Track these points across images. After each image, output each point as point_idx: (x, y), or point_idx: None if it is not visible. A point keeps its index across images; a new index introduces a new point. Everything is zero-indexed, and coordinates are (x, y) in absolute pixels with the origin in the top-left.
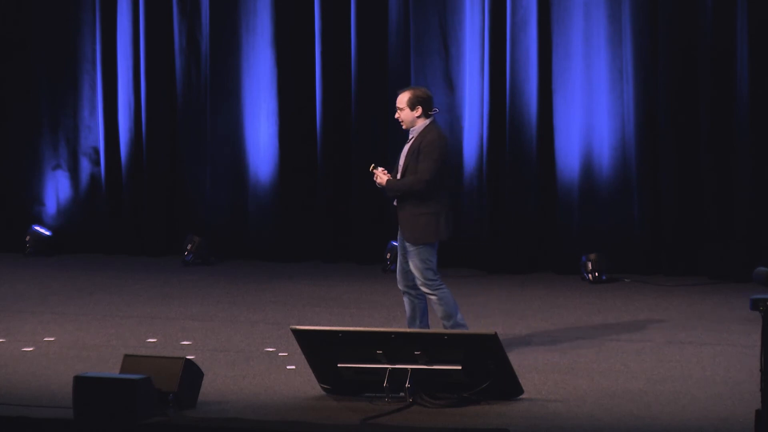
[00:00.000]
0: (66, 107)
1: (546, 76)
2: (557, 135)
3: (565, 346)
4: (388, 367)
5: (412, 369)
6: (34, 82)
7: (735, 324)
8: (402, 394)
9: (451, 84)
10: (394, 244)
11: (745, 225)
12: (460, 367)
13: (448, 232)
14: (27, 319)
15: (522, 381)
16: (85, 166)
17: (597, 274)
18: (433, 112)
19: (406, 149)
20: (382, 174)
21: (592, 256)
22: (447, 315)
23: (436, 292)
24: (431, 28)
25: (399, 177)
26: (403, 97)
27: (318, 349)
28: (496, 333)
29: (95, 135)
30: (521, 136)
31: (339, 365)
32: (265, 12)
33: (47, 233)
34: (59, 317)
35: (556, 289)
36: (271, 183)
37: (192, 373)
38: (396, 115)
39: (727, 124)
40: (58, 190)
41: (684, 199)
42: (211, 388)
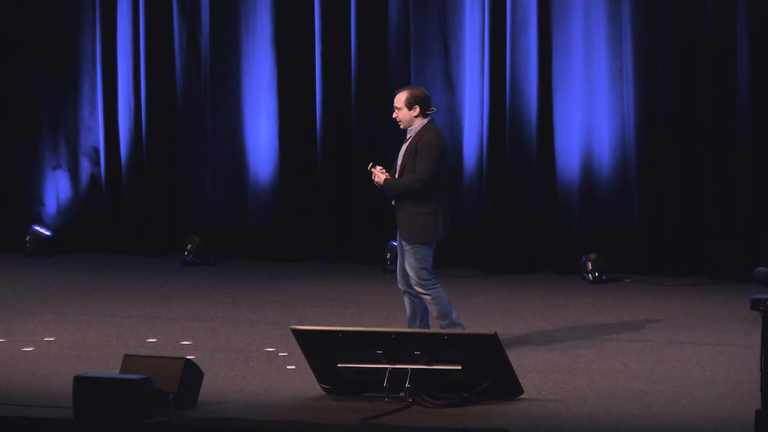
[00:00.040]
0: (66, 107)
1: (546, 76)
2: (557, 135)
3: (565, 346)
4: (388, 367)
5: (412, 369)
6: (34, 82)
7: (735, 324)
8: (402, 394)
9: (451, 84)
10: (394, 244)
11: (745, 225)
12: (460, 367)
13: (446, 232)
14: (27, 319)
15: (522, 381)
16: (85, 166)
17: (597, 274)
18: (430, 111)
19: (404, 149)
20: (379, 173)
21: (592, 256)
22: (442, 314)
23: (430, 292)
24: (431, 28)
25: (397, 176)
26: (401, 97)
27: (318, 349)
28: (496, 333)
29: (95, 135)
30: (521, 136)
31: (339, 365)
32: (265, 12)
33: (47, 233)
34: (59, 317)
35: (556, 289)
36: (271, 183)
37: (192, 373)
38: (394, 114)
39: (727, 124)
40: (58, 190)
41: (684, 199)
42: (211, 388)
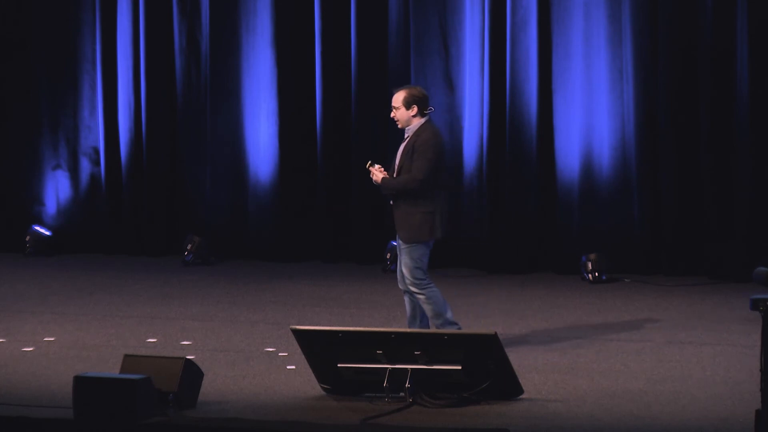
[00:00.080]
0: (66, 107)
1: (546, 76)
2: (557, 135)
3: (565, 346)
4: (388, 367)
5: (412, 369)
6: (34, 82)
7: (735, 324)
8: (402, 394)
9: (451, 84)
10: (394, 244)
11: (745, 225)
12: (460, 367)
13: (443, 231)
14: (27, 319)
15: (522, 381)
16: (85, 166)
17: (597, 274)
18: (428, 111)
19: (402, 148)
20: (377, 171)
21: (592, 256)
22: (436, 314)
23: (425, 291)
24: (431, 28)
25: (395, 176)
26: (399, 96)
27: (318, 349)
28: (496, 333)
29: (95, 135)
30: (521, 136)
31: (339, 365)
32: (265, 12)
33: (47, 233)
34: (59, 317)
35: (556, 289)
36: (271, 183)
37: (192, 373)
38: (392, 114)
39: (727, 124)
40: (58, 190)
41: (684, 199)
42: (211, 388)
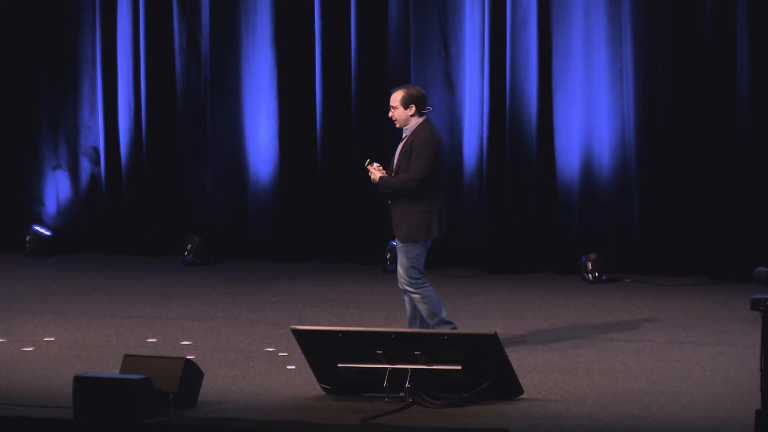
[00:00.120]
0: (66, 107)
1: (546, 76)
2: (557, 135)
3: (565, 346)
4: (388, 367)
5: (412, 369)
6: (34, 82)
7: (735, 324)
8: (402, 394)
9: (451, 84)
10: (394, 244)
11: (745, 225)
12: (460, 367)
13: (441, 231)
14: (27, 319)
15: (522, 381)
16: (85, 166)
17: (597, 274)
18: (426, 110)
19: (400, 148)
20: (375, 170)
21: (592, 256)
22: (432, 313)
23: (419, 291)
24: (431, 28)
25: (393, 175)
26: (397, 96)
27: (318, 349)
28: (496, 333)
29: (95, 135)
30: (521, 136)
31: (339, 365)
32: (265, 12)
33: (47, 233)
34: (59, 317)
35: (556, 289)
36: (271, 183)
37: (192, 373)
38: (389, 113)
39: (727, 124)
40: (58, 190)
41: (684, 199)
42: (211, 388)
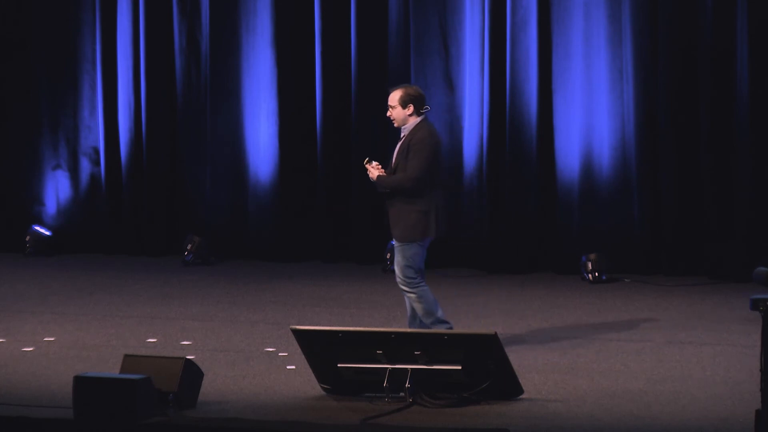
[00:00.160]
0: (66, 107)
1: (546, 76)
2: (557, 135)
3: (565, 346)
4: (388, 367)
5: (412, 369)
6: (34, 82)
7: (735, 324)
8: (402, 394)
9: (451, 84)
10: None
11: (745, 225)
12: (460, 367)
13: (439, 231)
14: (27, 319)
15: (522, 381)
16: (85, 166)
17: (597, 274)
18: (424, 110)
19: (398, 147)
20: (373, 169)
21: (592, 256)
22: (427, 313)
23: (415, 290)
24: (431, 28)
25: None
26: (395, 96)
27: (318, 349)
28: (496, 333)
29: (95, 135)
30: (521, 136)
31: (339, 365)
32: (265, 12)
33: (47, 233)
34: (59, 317)
35: (556, 289)
36: (271, 183)
37: (192, 373)
38: (388, 113)
39: (727, 124)
40: (58, 190)
41: (684, 199)
42: (211, 388)
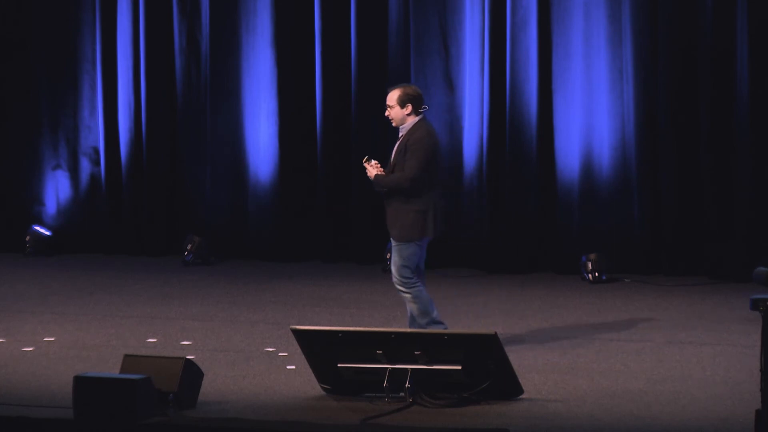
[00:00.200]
0: (66, 107)
1: (546, 76)
2: (557, 135)
3: (565, 346)
4: (388, 367)
5: (412, 369)
6: (34, 82)
7: (735, 324)
8: (402, 394)
9: (451, 84)
10: None
11: (745, 225)
12: (460, 367)
13: (436, 230)
14: (27, 319)
15: (522, 381)
16: (85, 166)
17: (597, 274)
18: (422, 109)
19: (396, 147)
20: (371, 168)
21: (592, 256)
22: (422, 313)
23: (411, 291)
24: (431, 28)
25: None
26: (393, 95)
27: (318, 349)
28: (496, 333)
29: (95, 135)
30: (521, 136)
31: (339, 365)
32: (265, 12)
33: (47, 233)
34: (59, 317)
35: (556, 289)
36: (271, 183)
37: (192, 373)
38: (386, 112)
39: (727, 124)
40: (58, 190)
41: (684, 199)
42: (211, 388)
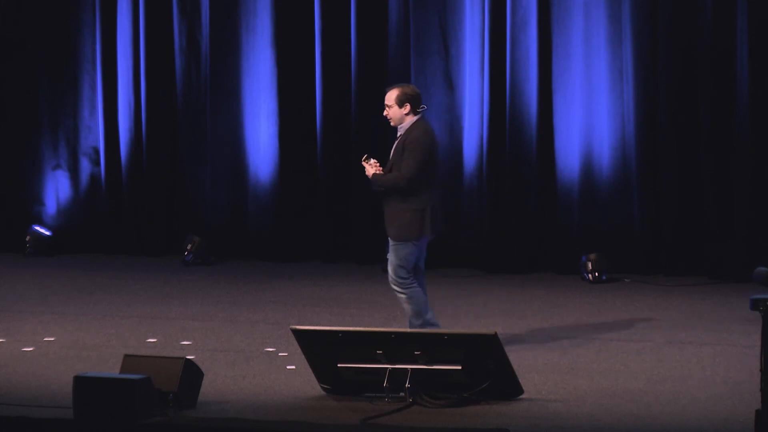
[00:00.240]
0: (66, 107)
1: (546, 76)
2: (557, 135)
3: (565, 346)
4: (388, 367)
5: (412, 369)
6: (34, 82)
7: (735, 324)
8: (402, 394)
9: (451, 84)
10: None
11: (745, 225)
12: (460, 367)
13: (434, 229)
14: (27, 319)
15: (522, 381)
16: (85, 166)
17: (597, 274)
18: (421, 109)
19: (394, 146)
20: (369, 166)
21: (592, 256)
22: (416, 313)
23: (406, 291)
24: (431, 28)
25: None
26: (392, 95)
27: (318, 349)
28: (496, 333)
29: (95, 135)
30: (521, 136)
31: (339, 365)
32: (265, 12)
33: (47, 233)
34: (59, 317)
35: (556, 289)
36: (271, 183)
37: (192, 373)
38: (384, 112)
39: (727, 124)
40: (58, 190)
41: (684, 199)
42: (211, 388)
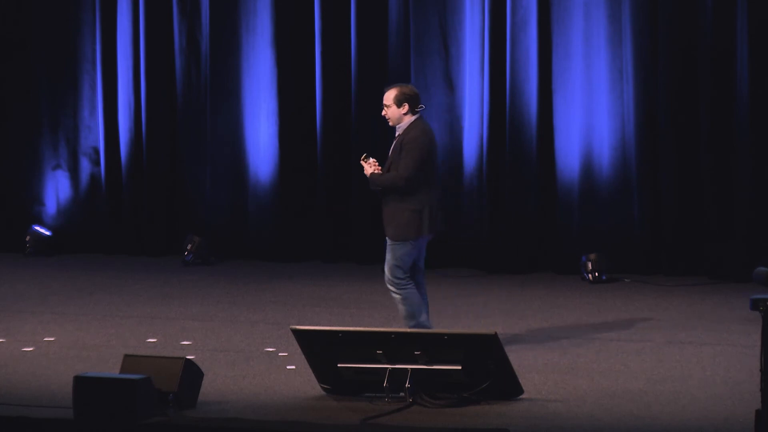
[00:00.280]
0: (66, 107)
1: (546, 76)
2: (557, 135)
3: (565, 346)
4: (388, 367)
5: (412, 369)
6: (34, 82)
7: (735, 324)
8: (402, 394)
9: (451, 84)
10: None
11: (745, 225)
12: (460, 367)
13: (433, 229)
14: (27, 319)
15: (522, 381)
16: (85, 166)
17: (597, 274)
18: (419, 109)
19: (392, 146)
20: (368, 166)
21: (592, 256)
22: (410, 315)
23: (401, 292)
24: (431, 28)
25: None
26: (390, 95)
27: (318, 349)
28: (496, 333)
29: (95, 135)
30: (521, 136)
31: (339, 365)
32: (265, 12)
33: (47, 233)
34: (59, 317)
35: (556, 289)
36: (271, 183)
37: (192, 373)
38: (383, 112)
39: (727, 124)
40: (58, 190)
41: (684, 199)
42: (211, 388)
